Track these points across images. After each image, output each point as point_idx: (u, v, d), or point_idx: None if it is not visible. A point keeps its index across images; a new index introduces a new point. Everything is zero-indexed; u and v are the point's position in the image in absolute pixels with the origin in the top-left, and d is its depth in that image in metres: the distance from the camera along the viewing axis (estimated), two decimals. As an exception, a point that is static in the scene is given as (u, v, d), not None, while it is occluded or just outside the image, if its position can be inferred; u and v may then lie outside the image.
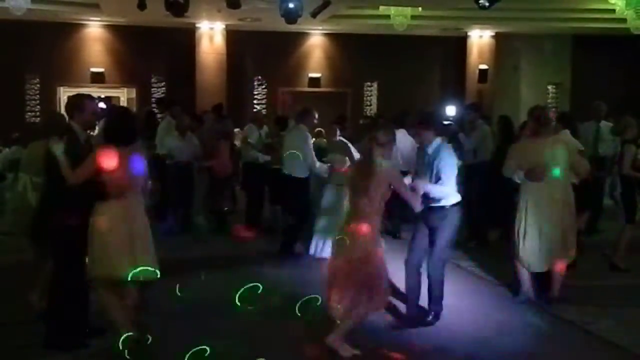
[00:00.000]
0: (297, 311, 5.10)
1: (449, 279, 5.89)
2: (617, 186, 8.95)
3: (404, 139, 9.18)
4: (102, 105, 15.51)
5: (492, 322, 5.82)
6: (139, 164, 4.88)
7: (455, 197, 5.63)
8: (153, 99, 16.83)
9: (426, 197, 5.46)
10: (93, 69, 16.61)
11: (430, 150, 5.63)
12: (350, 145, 8.33)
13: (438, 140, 5.65)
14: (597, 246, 8.23)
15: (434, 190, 5.48)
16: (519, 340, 5.40)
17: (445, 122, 14.18)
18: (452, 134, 8.74)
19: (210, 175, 9.72)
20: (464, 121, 9.98)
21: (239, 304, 5.51)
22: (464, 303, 6.30)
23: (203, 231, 9.35)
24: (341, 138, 8.56)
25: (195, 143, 9.67)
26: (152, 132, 10.67)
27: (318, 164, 8.22)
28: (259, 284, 5.67)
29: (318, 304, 5.16)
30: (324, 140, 12.70)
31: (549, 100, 18.20)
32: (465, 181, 6.35)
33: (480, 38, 17.79)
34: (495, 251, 8.13)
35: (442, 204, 5.58)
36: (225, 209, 9.86)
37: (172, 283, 5.41)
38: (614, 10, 12.15)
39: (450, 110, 16.75)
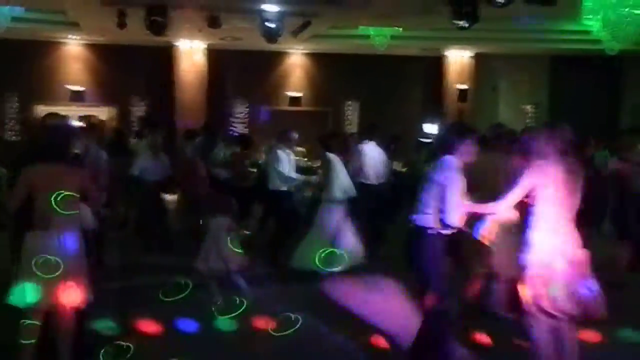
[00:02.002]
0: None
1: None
2: None
3: (374, 152, 9.41)
4: (79, 123, 15.43)
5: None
6: (74, 184, 4.62)
7: None
8: (133, 118, 16.79)
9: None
10: (72, 88, 16.51)
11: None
12: (331, 161, 8.42)
13: None
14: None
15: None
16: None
17: (426, 140, 14.36)
18: (433, 152, 8.85)
19: (186, 194, 9.73)
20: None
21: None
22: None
23: None
24: (327, 154, 8.63)
25: (166, 163, 9.68)
26: (122, 152, 10.66)
27: (293, 174, 8.78)
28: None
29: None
30: (304, 159, 12.81)
31: (527, 120, 18.37)
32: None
33: (459, 58, 17.96)
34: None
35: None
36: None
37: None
38: (590, 32, 12.34)
39: (432, 129, 16.94)
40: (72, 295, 4.57)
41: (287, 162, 8.76)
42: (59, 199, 4.45)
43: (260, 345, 5.44)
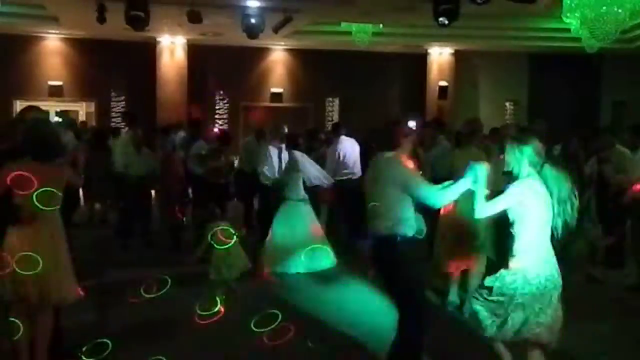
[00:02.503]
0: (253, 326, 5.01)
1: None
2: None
3: (351, 145, 9.43)
4: (57, 119, 15.30)
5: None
6: (58, 183, 4.56)
7: None
8: (112, 114, 16.68)
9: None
10: (51, 83, 16.37)
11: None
12: (297, 160, 8.43)
13: None
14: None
15: None
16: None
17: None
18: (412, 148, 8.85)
19: (164, 189, 9.66)
20: (424, 136, 10.09)
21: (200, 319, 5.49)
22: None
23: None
24: (294, 152, 8.61)
25: (150, 157, 9.58)
26: (101, 149, 10.60)
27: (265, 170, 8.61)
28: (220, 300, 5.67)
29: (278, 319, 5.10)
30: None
31: (506, 117, 18.53)
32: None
33: (440, 55, 18.04)
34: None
35: None
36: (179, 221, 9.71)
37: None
38: (569, 30, 12.45)
39: (411, 125, 16.99)
40: (58, 292, 4.53)
41: (277, 158, 8.68)
42: (41, 195, 4.41)
43: (242, 342, 5.42)
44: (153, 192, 10.26)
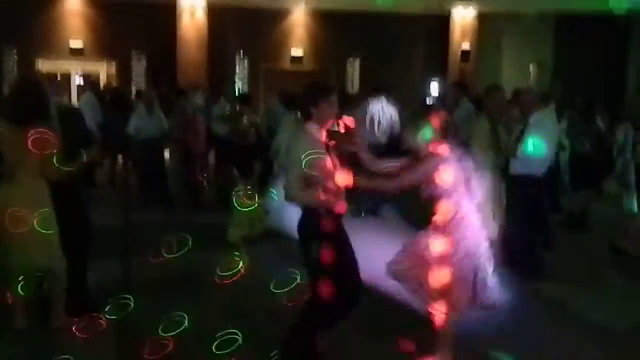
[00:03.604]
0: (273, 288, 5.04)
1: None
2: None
3: (381, 109, 9.30)
4: (80, 82, 15.37)
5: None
6: (42, 145, 4.44)
7: None
8: (133, 75, 16.68)
9: None
10: (72, 43, 16.38)
11: None
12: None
13: None
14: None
15: None
16: (494, 317, 5.38)
17: (429, 103, 14.31)
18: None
19: (184, 150, 9.67)
20: (447, 99, 10.00)
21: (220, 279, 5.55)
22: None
23: None
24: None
25: (162, 118, 9.59)
26: (121, 110, 10.61)
27: None
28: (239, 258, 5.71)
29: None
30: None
31: (530, 80, 18.26)
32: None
33: (463, 18, 17.75)
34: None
35: None
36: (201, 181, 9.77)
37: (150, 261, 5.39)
38: (596, -10, 12.22)
39: (434, 88, 16.92)
40: (41, 249, 4.59)
41: None
42: (23, 154, 4.42)
43: (261, 302, 5.48)
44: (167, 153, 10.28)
